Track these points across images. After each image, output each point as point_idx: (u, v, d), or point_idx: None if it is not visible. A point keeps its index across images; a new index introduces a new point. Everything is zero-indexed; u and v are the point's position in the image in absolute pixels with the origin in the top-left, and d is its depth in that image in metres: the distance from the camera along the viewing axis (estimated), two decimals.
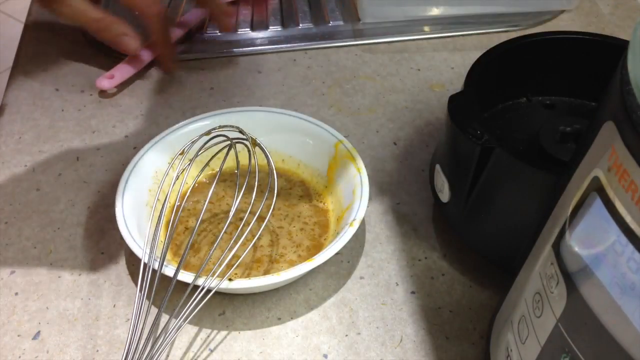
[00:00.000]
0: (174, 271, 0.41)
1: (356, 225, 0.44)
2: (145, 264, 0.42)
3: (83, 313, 0.45)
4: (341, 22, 0.71)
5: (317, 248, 0.47)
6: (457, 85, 0.63)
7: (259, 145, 0.46)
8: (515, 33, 0.67)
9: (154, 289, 0.41)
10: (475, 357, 0.43)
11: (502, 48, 0.48)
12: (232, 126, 0.46)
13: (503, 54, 0.48)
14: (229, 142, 0.45)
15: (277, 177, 0.45)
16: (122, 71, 0.62)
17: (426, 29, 0.70)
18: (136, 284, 0.47)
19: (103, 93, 0.62)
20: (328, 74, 0.65)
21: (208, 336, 0.44)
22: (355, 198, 0.47)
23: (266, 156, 0.45)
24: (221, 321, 0.45)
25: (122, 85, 0.63)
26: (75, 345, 0.43)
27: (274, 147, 0.52)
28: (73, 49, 0.67)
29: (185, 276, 0.41)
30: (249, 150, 0.45)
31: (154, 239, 0.43)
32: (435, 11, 0.71)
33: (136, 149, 0.57)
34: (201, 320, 0.45)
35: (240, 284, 0.42)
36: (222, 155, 0.46)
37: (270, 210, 0.44)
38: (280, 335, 0.44)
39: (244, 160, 0.49)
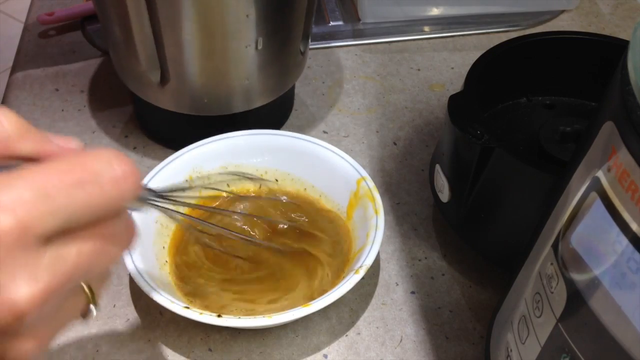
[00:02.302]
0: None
1: (362, 273, 0.42)
2: None
3: None
4: (341, 22, 0.71)
5: (345, 264, 0.46)
6: (457, 85, 0.63)
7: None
8: (515, 33, 0.67)
9: None
10: (475, 357, 0.43)
11: (502, 48, 0.48)
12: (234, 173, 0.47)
13: (503, 54, 0.48)
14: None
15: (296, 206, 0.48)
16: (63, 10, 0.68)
17: (426, 29, 0.70)
18: (137, 284, 0.47)
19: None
20: (328, 74, 0.65)
21: (208, 336, 0.44)
22: (368, 242, 0.44)
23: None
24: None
25: (122, 85, 0.63)
26: (75, 345, 0.43)
27: (297, 174, 0.51)
28: (73, 49, 0.67)
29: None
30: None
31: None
32: (435, 11, 0.71)
33: (136, 149, 0.57)
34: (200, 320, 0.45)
35: (228, 322, 0.40)
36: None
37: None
38: (280, 335, 0.44)
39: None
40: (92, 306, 0.28)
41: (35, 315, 0.24)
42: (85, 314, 0.28)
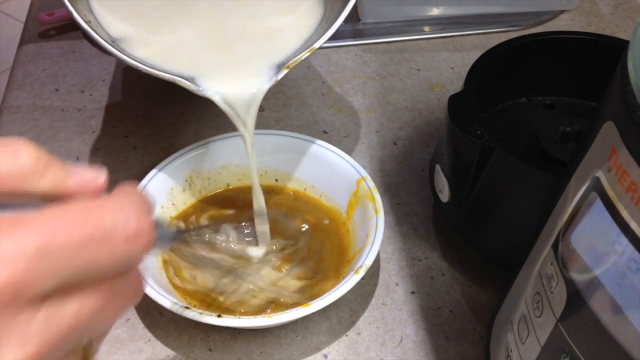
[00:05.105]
0: None
1: (362, 273, 0.42)
2: None
3: None
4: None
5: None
6: (457, 85, 0.63)
7: None
8: (515, 33, 0.67)
9: None
10: (475, 357, 0.43)
11: (502, 48, 0.48)
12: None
13: (503, 54, 0.48)
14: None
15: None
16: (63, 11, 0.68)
17: (426, 29, 0.70)
18: None
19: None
20: (328, 74, 0.65)
21: (208, 336, 0.44)
22: (368, 242, 0.44)
23: None
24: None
25: (122, 85, 0.63)
26: None
27: (297, 174, 0.51)
28: (73, 49, 0.67)
29: None
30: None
31: None
32: (435, 11, 0.71)
33: (136, 149, 0.57)
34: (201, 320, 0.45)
35: (228, 322, 0.40)
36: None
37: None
38: (280, 335, 0.44)
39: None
40: None
41: None
42: None
